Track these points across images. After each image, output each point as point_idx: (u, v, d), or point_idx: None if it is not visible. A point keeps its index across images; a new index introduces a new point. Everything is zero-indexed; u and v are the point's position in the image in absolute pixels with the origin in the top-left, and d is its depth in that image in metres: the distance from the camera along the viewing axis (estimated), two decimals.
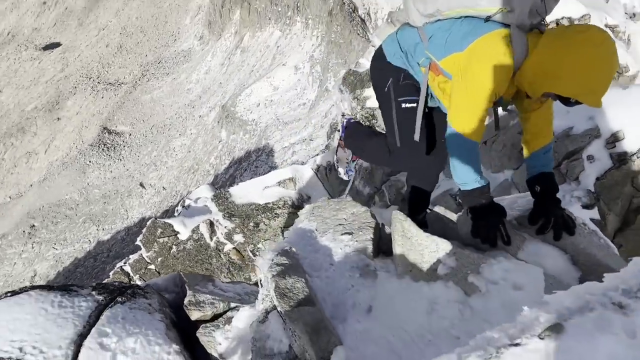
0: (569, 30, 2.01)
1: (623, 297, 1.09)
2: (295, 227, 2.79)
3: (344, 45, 45.27)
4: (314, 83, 47.81)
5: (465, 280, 2.14)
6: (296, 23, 54.02)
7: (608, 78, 1.95)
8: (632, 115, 5.52)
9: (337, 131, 7.41)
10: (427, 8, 2.31)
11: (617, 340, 1.02)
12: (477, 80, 2.16)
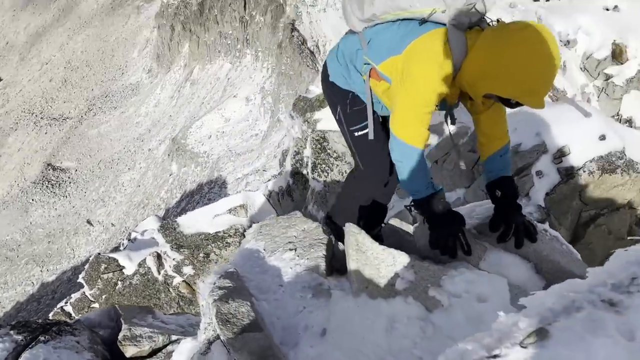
0: (507, 27, 1.92)
1: (613, 293, 0.93)
2: (242, 248, 2.56)
3: (294, 76, 45.65)
4: (266, 114, 47.81)
5: (425, 295, 1.97)
6: (246, 55, 54.20)
7: (549, 77, 1.86)
8: (576, 130, 5.62)
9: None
10: (365, 13, 2.26)
11: (613, 344, 0.85)
12: (416, 83, 2.07)
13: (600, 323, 0.89)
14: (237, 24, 53.90)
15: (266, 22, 50.86)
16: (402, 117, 2.16)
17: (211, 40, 56.80)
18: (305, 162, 7.11)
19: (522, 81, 1.84)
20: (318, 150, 6.79)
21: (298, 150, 7.35)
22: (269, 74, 50.10)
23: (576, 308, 0.93)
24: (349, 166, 6.59)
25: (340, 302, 2.10)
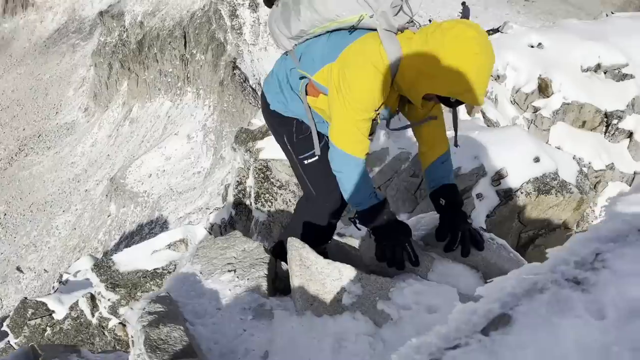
0: (440, 27, 1.90)
1: (577, 271, 0.85)
2: (176, 273, 2.37)
3: (236, 113, 45.59)
4: (208, 151, 47.25)
5: (374, 309, 1.85)
6: (187, 93, 53.77)
7: (485, 73, 1.86)
8: (512, 153, 5.77)
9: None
10: (292, 30, 2.24)
11: (583, 324, 0.77)
12: (353, 88, 2.00)
13: (566, 303, 0.80)
14: (178, 62, 53.57)
15: (207, 61, 50.84)
16: (340, 126, 2.08)
17: (151, 78, 56.07)
18: (248, 193, 6.95)
19: (459, 78, 1.82)
20: (261, 179, 6.65)
21: (240, 180, 7.19)
22: (211, 111, 49.80)
23: (539, 289, 0.84)
24: (293, 195, 6.48)
25: (283, 323, 1.95)
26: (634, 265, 0.82)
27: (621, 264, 0.83)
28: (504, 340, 0.78)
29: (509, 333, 0.79)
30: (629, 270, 0.82)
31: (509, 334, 0.78)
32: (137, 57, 56.39)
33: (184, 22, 53.24)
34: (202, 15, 51.99)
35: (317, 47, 2.18)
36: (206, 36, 51.04)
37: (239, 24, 50.42)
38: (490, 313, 0.83)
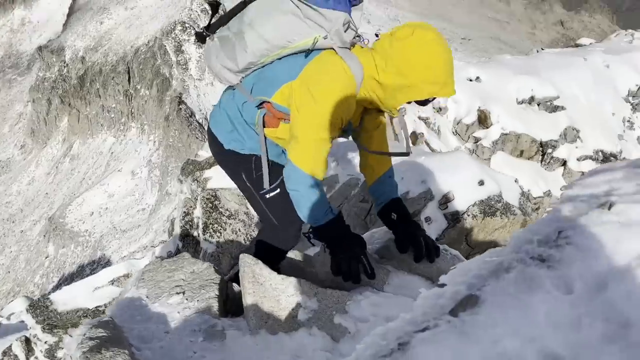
0: (396, 38, 1.93)
1: (542, 249, 0.84)
2: (120, 299, 2.23)
3: (182, 148, 44.95)
4: (154, 187, 46.12)
5: (331, 323, 1.79)
6: (131, 129, 52.67)
7: (451, 65, 1.94)
8: (458, 177, 5.91)
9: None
10: (239, 63, 2.14)
11: (553, 299, 0.75)
12: (321, 106, 1.96)
13: (534, 280, 0.79)
14: (121, 97, 52.58)
15: (152, 96, 50.17)
16: (302, 145, 2.01)
17: (93, 113, 54.64)
18: (196, 224, 6.76)
19: (435, 80, 1.89)
20: (209, 209, 6.49)
21: (187, 211, 6.99)
22: (156, 146, 48.86)
23: (505, 269, 0.82)
24: (243, 224, 6.36)
25: (236, 343, 1.85)
26: (596, 240, 0.82)
27: (584, 240, 0.82)
28: (474, 320, 0.75)
29: (478, 313, 0.76)
30: (592, 245, 0.81)
31: (479, 314, 0.76)
32: (78, 92, 54.93)
33: (127, 57, 52.51)
34: (147, 51, 51.52)
35: (272, 71, 2.12)
36: (151, 71, 50.49)
37: (184, 59, 50.25)
38: (458, 295, 0.81)
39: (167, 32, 51.86)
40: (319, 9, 1.97)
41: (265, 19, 2.03)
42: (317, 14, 1.97)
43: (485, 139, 14.76)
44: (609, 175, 0.96)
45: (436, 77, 1.89)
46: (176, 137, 45.99)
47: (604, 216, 0.85)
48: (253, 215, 6.44)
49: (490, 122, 14.75)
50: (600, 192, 0.93)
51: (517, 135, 14.65)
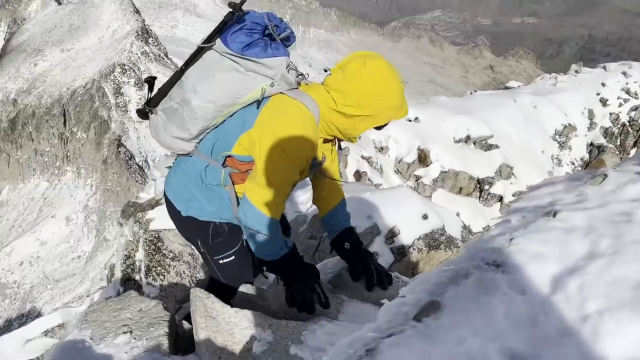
0: (348, 70, 1.97)
1: (495, 255, 0.88)
2: (61, 342, 2.10)
3: (121, 192, 43.58)
4: (90, 233, 44.24)
5: (287, 354, 1.76)
6: (66, 173, 50.74)
7: (402, 87, 2.04)
8: (402, 211, 6.04)
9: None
10: (192, 131, 2.12)
11: (510, 300, 0.79)
12: (282, 147, 1.96)
13: (491, 284, 0.82)
14: (56, 140, 50.77)
15: (89, 139, 48.77)
16: (264, 188, 1.99)
17: (25, 158, 52.31)
18: (138, 267, 6.51)
19: (392, 106, 1.97)
20: (152, 251, 6.28)
21: (129, 254, 6.72)
22: (93, 190, 47.19)
23: (463, 275, 0.86)
24: (188, 266, 6.19)
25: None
26: (543, 245, 0.87)
27: (534, 245, 0.87)
28: (437, 323, 0.77)
29: (441, 317, 0.78)
30: (540, 250, 0.86)
31: (441, 318, 0.78)
32: (9, 136, 52.61)
33: (63, 99, 51.07)
34: (84, 93, 50.35)
35: (227, 128, 2.11)
36: (88, 114, 49.24)
37: (124, 102, 49.43)
38: (420, 302, 0.83)
39: (105, 74, 51.02)
40: (259, 60, 1.98)
41: (208, 82, 2.04)
42: (258, 65, 1.99)
43: (426, 177, 15.22)
44: (551, 188, 1.03)
45: (394, 103, 1.97)
46: (115, 180, 44.64)
47: (550, 223, 0.90)
48: (198, 257, 6.29)
49: (430, 161, 15.26)
50: (544, 203, 0.99)
51: (455, 173, 15.20)
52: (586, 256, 0.81)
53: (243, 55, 1.96)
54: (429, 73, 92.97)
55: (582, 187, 0.98)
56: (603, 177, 1.00)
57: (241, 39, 1.96)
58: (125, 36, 56.97)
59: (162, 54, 58.75)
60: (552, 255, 0.84)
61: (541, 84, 21.42)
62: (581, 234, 0.85)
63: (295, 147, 1.96)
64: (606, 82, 19.43)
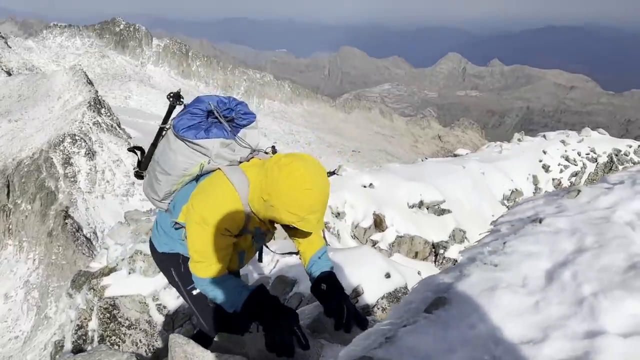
0: (278, 163, 2.13)
1: (492, 257, 0.96)
2: None
3: (66, 266, 41.53)
4: (30, 311, 41.47)
5: None
6: (7, 247, 48.08)
7: (317, 204, 2.08)
8: (365, 271, 6.08)
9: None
10: (159, 193, 2.55)
11: (512, 292, 0.86)
12: (204, 221, 2.18)
13: (492, 280, 0.89)
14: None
15: (34, 210, 46.83)
16: (193, 257, 2.23)
17: None
18: (90, 337, 6.18)
19: (295, 211, 2.06)
20: (107, 320, 5.99)
21: (81, 324, 6.38)
22: (36, 265, 44.73)
23: (465, 275, 0.92)
24: (145, 334, 5.92)
25: None
26: (534, 245, 0.95)
27: (527, 246, 0.95)
28: (448, 314, 0.82)
29: (450, 309, 0.83)
30: (532, 250, 0.94)
31: (450, 310, 0.83)
32: None
33: (8, 170, 49.33)
34: (31, 164, 48.88)
35: (177, 197, 2.51)
36: (34, 185, 47.59)
37: (73, 172, 48.20)
38: (427, 299, 0.88)
39: (54, 144, 49.95)
40: (194, 140, 2.29)
41: (164, 157, 2.44)
42: (194, 145, 2.31)
43: (382, 242, 15.35)
44: (532, 203, 1.12)
45: (296, 210, 2.05)
46: (60, 253, 42.62)
47: (537, 228, 0.99)
48: (156, 324, 6.04)
49: (385, 225, 15.45)
50: (528, 214, 1.08)
51: (411, 237, 15.42)
52: (575, 251, 0.89)
53: (182, 137, 2.32)
54: (381, 143, 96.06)
55: (560, 200, 1.08)
56: (577, 192, 1.10)
57: (183, 122, 2.33)
58: (77, 107, 56.48)
59: (115, 124, 58.38)
60: (543, 253, 0.92)
61: (487, 151, 22.49)
62: (567, 234, 0.94)
63: (213, 221, 2.17)
64: (547, 150, 20.63)
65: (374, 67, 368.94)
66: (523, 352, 0.72)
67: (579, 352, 0.71)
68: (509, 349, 0.73)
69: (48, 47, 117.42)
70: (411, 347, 0.74)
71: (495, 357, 0.72)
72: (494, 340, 0.74)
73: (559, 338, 0.73)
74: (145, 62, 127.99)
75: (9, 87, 65.29)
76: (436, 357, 0.72)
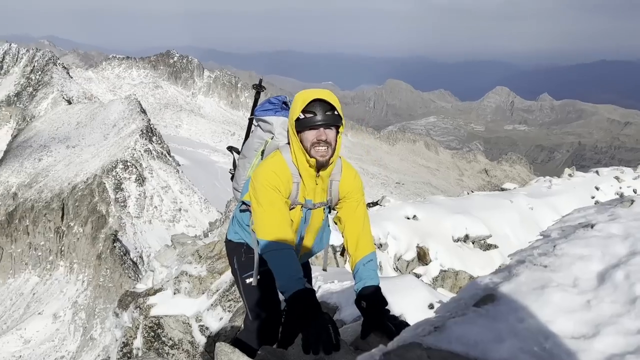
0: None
1: (542, 258, 0.96)
2: None
3: (113, 289, 42.58)
4: (76, 332, 42.58)
5: None
6: (59, 267, 49.90)
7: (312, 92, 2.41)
8: (408, 300, 5.98)
9: None
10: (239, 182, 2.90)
11: (563, 290, 0.86)
12: (260, 187, 2.41)
13: (542, 279, 0.89)
14: (52, 234, 50.54)
15: (85, 233, 48.59)
16: (259, 219, 2.39)
17: (18, 251, 51.72)
18: (135, 355, 6.30)
19: (298, 104, 2.37)
20: (151, 339, 6.11)
21: (127, 341, 6.52)
22: (84, 287, 46.14)
23: (515, 274, 0.93)
24: (187, 354, 5.99)
25: None
26: (585, 249, 0.95)
27: (578, 249, 0.95)
28: (496, 309, 0.83)
29: (499, 305, 0.84)
30: (583, 253, 0.94)
31: (499, 305, 0.84)
32: (4, 229, 52.43)
33: (63, 194, 51.60)
34: (85, 188, 50.98)
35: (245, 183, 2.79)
36: (87, 208, 49.51)
37: (123, 197, 49.92)
38: (476, 296, 0.89)
39: (108, 170, 52.01)
40: (263, 117, 2.71)
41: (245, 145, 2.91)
42: (262, 122, 2.73)
43: (425, 275, 15.04)
44: (583, 212, 1.12)
45: (298, 102, 2.37)
46: (107, 276, 43.83)
47: (588, 232, 0.98)
48: (198, 345, 6.11)
49: (429, 259, 15.17)
50: (579, 222, 1.08)
51: (455, 272, 15.05)
52: (628, 254, 0.89)
53: (256, 115, 2.80)
54: (425, 175, 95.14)
55: (612, 209, 1.07)
56: (631, 202, 1.09)
57: (260, 106, 2.82)
58: (130, 134, 58.85)
59: (165, 151, 60.35)
60: (595, 256, 0.91)
61: (536, 186, 21.87)
62: (620, 239, 0.93)
63: (266, 178, 2.42)
64: (600, 186, 19.89)
65: (419, 100, 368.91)
66: (573, 345, 0.72)
67: (632, 347, 0.70)
68: (559, 343, 0.73)
69: (106, 77, 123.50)
70: (459, 336, 0.75)
71: (545, 349, 0.72)
72: (544, 334, 0.74)
73: (611, 334, 0.73)
74: (196, 92, 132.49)
75: (69, 114, 68.84)
76: (484, 345, 0.73)
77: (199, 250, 7.44)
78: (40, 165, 57.62)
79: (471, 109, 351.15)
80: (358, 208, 2.54)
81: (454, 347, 0.73)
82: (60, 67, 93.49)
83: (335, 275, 7.76)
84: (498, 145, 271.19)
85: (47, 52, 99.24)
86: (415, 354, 0.73)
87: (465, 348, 0.73)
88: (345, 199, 2.57)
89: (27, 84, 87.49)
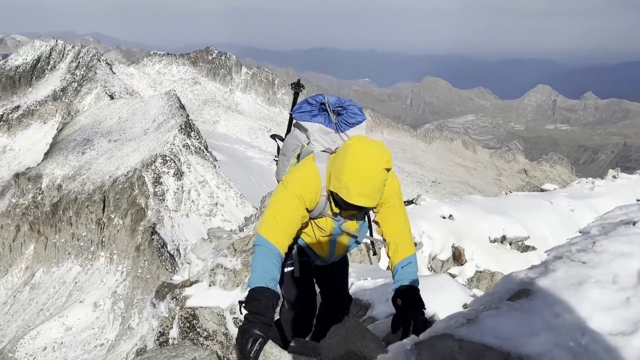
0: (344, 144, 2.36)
1: (581, 254, 0.94)
2: None
3: (150, 280, 43.61)
4: (115, 321, 43.80)
5: None
6: (99, 258, 51.40)
7: (360, 177, 2.21)
8: (443, 299, 5.92)
9: None
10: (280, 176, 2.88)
11: (601, 286, 0.84)
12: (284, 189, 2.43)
13: (580, 276, 0.88)
14: (94, 226, 52.08)
15: (125, 225, 49.87)
16: (264, 216, 2.40)
17: (62, 241, 53.51)
18: (171, 344, 6.44)
19: (339, 177, 2.24)
20: (186, 329, 6.24)
21: (163, 331, 6.68)
22: (123, 277, 47.39)
23: (551, 270, 0.91)
24: (221, 346, 6.09)
25: None
26: (626, 246, 0.92)
27: (618, 246, 0.92)
28: (530, 303, 0.82)
29: (534, 300, 0.83)
30: (624, 250, 0.91)
31: (534, 300, 0.83)
32: (49, 219, 54.33)
33: (105, 186, 53.07)
34: (125, 181, 52.30)
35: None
36: (127, 201, 50.79)
37: (162, 191, 50.97)
38: (511, 290, 0.88)
39: (147, 164, 53.19)
40: (300, 121, 2.71)
41: (285, 141, 2.92)
42: (299, 126, 2.73)
43: (461, 276, 14.83)
44: (625, 210, 1.09)
45: (340, 176, 2.25)
46: (145, 268, 44.90)
47: (630, 230, 0.96)
48: (232, 337, 6.21)
49: (464, 259, 14.95)
50: (620, 220, 1.05)
51: (491, 274, 14.78)
52: None
53: (294, 117, 2.79)
54: (462, 174, 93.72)
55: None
56: None
57: (298, 107, 2.77)
58: (169, 129, 60.03)
59: (203, 147, 61.34)
60: (636, 253, 0.89)
61: (578, 187, 21.25)
62: None
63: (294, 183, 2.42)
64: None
65: (457, 98, 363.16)
66: (611, 342, 0.70)
67: None
68: (596, 339, 0.71)
69: (147, 73, 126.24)
70: (492, 329, 0.74)
71: (580, 345, 0.70)
72: (580, 330, 0.73)
73: None
74: (234, 89, 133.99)
75: (111, 109, 70.74)
76: (517, 339, 0.72)
77: (235, 243, 7.56)
78: (83, 158, 59.43)
79: (511, 107, 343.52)
80: (396, 212, 2.55)
81: (486, 340, 0.73)
82: (103, 63, 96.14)
83: (369, 273, 7.74)
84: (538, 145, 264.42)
85: (91, 48, 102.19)
86: (447, 345, 0.73)
87: (498, 341, 0.73)
88: (382, 204, 2.57)
89: (72, 80, 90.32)
